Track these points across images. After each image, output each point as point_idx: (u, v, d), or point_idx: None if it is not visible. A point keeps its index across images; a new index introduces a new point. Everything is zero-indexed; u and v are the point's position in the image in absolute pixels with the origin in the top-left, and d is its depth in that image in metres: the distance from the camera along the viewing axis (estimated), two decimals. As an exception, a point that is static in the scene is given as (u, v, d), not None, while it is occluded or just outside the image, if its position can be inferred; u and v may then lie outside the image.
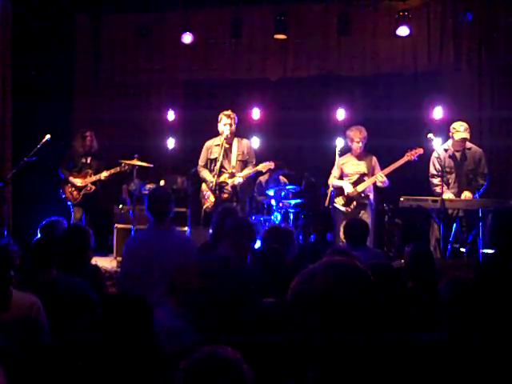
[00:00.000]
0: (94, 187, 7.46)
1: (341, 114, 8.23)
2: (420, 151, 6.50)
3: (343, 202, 6.73)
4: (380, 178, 6.60)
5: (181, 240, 4.22)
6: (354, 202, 6.70)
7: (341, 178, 6.85)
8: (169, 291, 2.81)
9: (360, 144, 6.72)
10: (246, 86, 8.93)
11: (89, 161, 7.56)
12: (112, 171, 7.36)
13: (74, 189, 7.47)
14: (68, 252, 3.79)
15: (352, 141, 6.72)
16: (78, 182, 7.46)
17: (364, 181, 6.72)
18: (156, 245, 3.98)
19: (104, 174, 7.37)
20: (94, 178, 7.43)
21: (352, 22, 8.15)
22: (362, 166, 6.79)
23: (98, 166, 7.50)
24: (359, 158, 6.83)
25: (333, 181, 6.81)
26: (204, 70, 8.94)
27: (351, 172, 6.80)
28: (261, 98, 8.72)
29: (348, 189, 6.68)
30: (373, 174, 6.73)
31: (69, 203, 7.51)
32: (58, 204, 7.49)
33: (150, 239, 4.08)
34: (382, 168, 6.75)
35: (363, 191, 6.72)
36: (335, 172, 6.79)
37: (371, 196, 6.83)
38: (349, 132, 6.76)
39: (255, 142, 7.63)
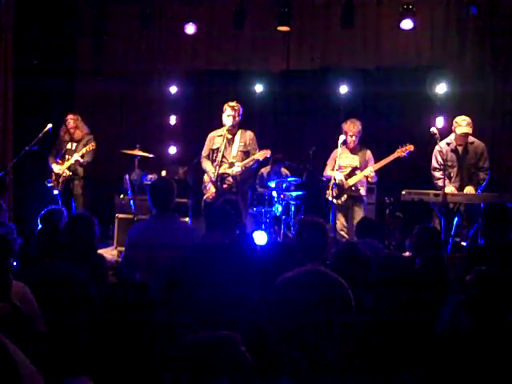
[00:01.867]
0: (70, 173, 7.11)
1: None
2: (410, 148, 6.47)
3: (334, 195, 6.68)
4: (369, 172, 6.58)
5: (183, 230, 4.22)
6: (345, 195, 6.68)
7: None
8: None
9: (353, 138, 6.68)
10: (248, 77, 8.89)
11: (74, 147, 7.26)
12: (80, 154, 7.00)
13: (55, 177, 7.17)
14: (72, 241, 3.78)
15: (346, 134, 6.69)
16: (56, 168, 7.15)
17: (356, 175, 6.70)
18: (158, 235, 3.97)
19: (75, 158, 7.01)
20: (67, 164, 7.09)
21: (355, 15, 8.10)
22: (354, 160, 6.76)
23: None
24: (352, 151, 6.80)
25: (327, 172, 6.80)
26: (206, 61, 8.91)
27: (344, 165, 6.75)
28: (263, 90, 8.69)
29: (339, 177, 6.63)
30: (365, 168, 6.70)
31: (55, 192, 7.15)
32: (59, 193, 7.48)
33: (152, 229, 4.08)
34: (376, 163, 6.72)
35: (354, 185, 6.70)
36: (331, 164, 6.77)
37: (363, 190, 6.79)
38: (343, 125, 6.73)
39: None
